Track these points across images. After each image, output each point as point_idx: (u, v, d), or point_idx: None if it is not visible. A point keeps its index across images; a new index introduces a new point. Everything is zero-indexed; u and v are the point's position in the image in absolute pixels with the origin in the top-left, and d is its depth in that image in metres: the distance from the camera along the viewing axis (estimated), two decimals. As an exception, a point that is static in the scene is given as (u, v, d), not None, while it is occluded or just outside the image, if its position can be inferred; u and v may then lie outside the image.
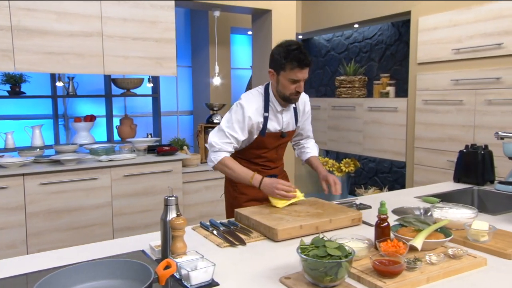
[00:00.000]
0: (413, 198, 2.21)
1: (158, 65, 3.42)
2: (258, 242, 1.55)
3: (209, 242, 1.54)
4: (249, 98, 2.02)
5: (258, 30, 4.28)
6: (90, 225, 3.18)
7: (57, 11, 2.98)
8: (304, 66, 1.88)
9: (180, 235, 1.28)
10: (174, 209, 1.33)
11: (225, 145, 1.95)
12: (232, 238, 1.55)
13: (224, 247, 1.48)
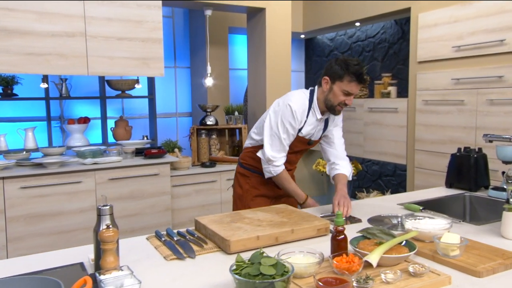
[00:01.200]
0: (396, 204, 2.07)
1: (144, 65, 3.34)
2: (211, 254, 1.44)
3: (157, 254, 1.44)
4: (297, 98, 2.04)
5: (252, 29, 4.17)
6: (73, 229, 3.12)
7: (38, 11, 2.93)
8: (362, 81, 1.94)
9: (110, 249, 1.17)
10: (108, 219, 1.23)
11: (282, 158, 2.06)
12: (183, 249, 1.45)
13: (171, 260, 1.38)
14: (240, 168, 2.29)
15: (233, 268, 1.06)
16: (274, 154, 2.02)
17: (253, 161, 2.20)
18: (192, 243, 1.52)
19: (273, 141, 2.02)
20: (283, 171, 2.07)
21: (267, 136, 2.03)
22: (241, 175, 2.27)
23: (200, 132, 3.91)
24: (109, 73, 3.22)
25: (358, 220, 1.81)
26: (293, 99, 2.01)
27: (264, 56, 3.99)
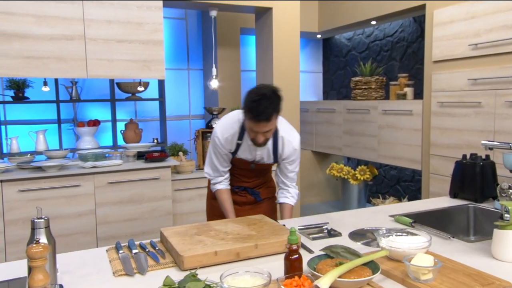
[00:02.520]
0: (388, 216, 1.90)
1: (145, 68, 3.30)
2: (164, 271, 1.34)
3: (109, 269, 1.36)
4: (224, 127, 2.00)
5: (260, 29, 4.06)
6: (72, 233, 3.11)
7: (36, 14, 2.94)
8: (259, 120, 1.74)
9: (38, 266, 1.09)
10: (43, 233, 1.16)
11: (218, 178, 2.09)
12: (137, 264, 1.36)
13: (118, 276, 1.29)
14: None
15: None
16: (208, 172, 2.10)
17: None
18: (150, 257, 1.43)
19: (208, 161, 2.10)
20: (219, 191, 2.09)
21: (207, 158, 2.12)
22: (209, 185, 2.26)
23: (206, 135, 3.83)
24: (109, 75, 3.20)
25: (338, 234, 1.67)
26: (218, 129, 2.00)
27: (271, 56, 3.87)
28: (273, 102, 1.74)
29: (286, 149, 2.01)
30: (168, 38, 4.77)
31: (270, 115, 1.73)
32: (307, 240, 1.61)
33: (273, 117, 1.76)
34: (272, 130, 1.82)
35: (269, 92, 1.76)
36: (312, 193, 5.44)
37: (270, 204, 2.24)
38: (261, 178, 2.18)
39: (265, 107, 1.71)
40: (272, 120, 1.76)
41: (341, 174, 4.73)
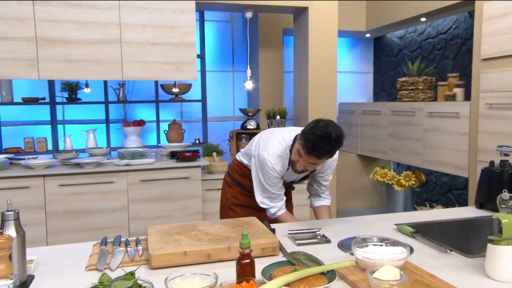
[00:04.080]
0: (393, 224, 1.77)
1: (178, 70, 3.39)
2: (135, 268, 1.35)
3: (85, 263, 1.40)
4: (277, 158, 1.89)
5: (298, 30, 3.99)
6: (106, 227, 3.27)
7: (77, 21, 3.14)
8: (319, 157, 1.71)
9: (1, 256, 1.15)
10: (12, 225, 1.22)
11: (276, 205, 1.98)
12: (111, 260, 1.39)
13: (89, 271, 1.33)
14: (226, 177, 2.26)
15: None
16: (264, 201, 1.96)
17: (237, 175, 2.17)
18: (128, 253, 1.45)
19: (261, 189, 1.96)
20: (281, 215, 1.99)
21: (255, 185, 1.97)
22: (226, 183, 2.23)
23: (241, 136, 3.84)
24: (143, 77, 3.32)
25: (327, 240, 1.58)
26: (272, 160, 1.88)
27: (307, 57, 3.79)
28: (333, 148, 1.70)
29: (327, 163, 1.98)
30: (214, 41, 4.85)
31: (330, 155, 1.72)
32: (291, 245, 1.54)
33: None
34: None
35: (335, 134, 1.68)
36: (357, 198, 5.24)
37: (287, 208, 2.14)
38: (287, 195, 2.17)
39: (333, 145, 1.68)
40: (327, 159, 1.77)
41: (385, 179, 4.50)
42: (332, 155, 1.74)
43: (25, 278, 1.26)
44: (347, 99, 5.56)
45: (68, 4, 3.11)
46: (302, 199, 3.78)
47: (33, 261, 1.34)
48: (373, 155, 4.82)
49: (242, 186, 2.14)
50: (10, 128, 4.12)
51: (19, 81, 3.94)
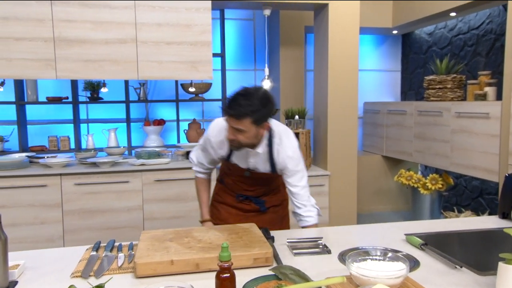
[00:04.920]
0: (403, 234, 1.65)
1: (193, 69, 3.35)
2: (121, 276, 1.31)
3: (71, 268, 1.36)
4: (219, 127, 1.89)
5: (318, 27, 3.87)
6: (121, 226, 3.28)
7: (93, 21, 3.15)
8: (229, 114, 1.67)
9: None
10: (-6, 228, 1.20)
11: (197, 167, 2.09)
12: (98, 266, 1.35)
13: (73, 278, 1.29)
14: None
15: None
16: (193, 158, 2.08)
17: (221, 170, 2.14)
18: (117, 259, 1.41)
19: (197, 150, 2.08)
20: (198, 178, 2.11)
21: (198, 144, 2.09)
22: (217, 179, 2.23)
23: (258, 136, 3.76)
24: (158, 77, 3.30)
25: (328, 251, 1.48)
26: (212, 129, 1.93)
27: (326, 55, 3.66)
28: (252, 105, 1.63)
29: (280, 157, 1.85)
30: (236, 39, 4.80)
31: (241, 115, 1.63)
32: (288, 255, 1.45)
33: (246, 119, 1.64)
34: (246, 136, 1.69)
35: (254, 93, 1.66)
36: (381, 201, 5.06)
37: (277, 211, 2.09)
38: (265, 187, 2.03)
39: (239, 104, 1.63)
40: (243, 121, 1.65)
41: (410, 182, 4.31)
42: (240, 114, 1.63)
43: (6, 284, 1.23)
44: (372, 98, 5.38)
45: (84, 4, 3.13)
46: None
47: (18, 266, 1.32)
48: (399, 157, 4.64)
49: (223, 182, 2.11)
50: (36, 127, 4.21)
51: (44, 81, 4.03)
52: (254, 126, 1.68)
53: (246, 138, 1.70)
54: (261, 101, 1.67)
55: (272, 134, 1.85)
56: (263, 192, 2.03)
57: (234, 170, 1.97)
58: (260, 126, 1.71)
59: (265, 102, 1.68)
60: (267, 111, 1.70)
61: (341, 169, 3.77)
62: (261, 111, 1.66)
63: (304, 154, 3.69)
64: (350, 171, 3.80)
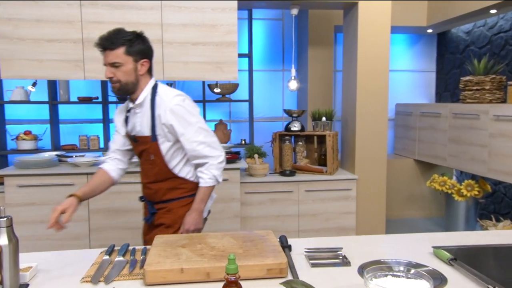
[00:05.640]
0: (431, 247, 1.54)
1: (218, 69, 3.31)
2: (130, 282, 1.28)
3: (82, 272, 1.34)
4: (119, 106, 2.02)
5: (347, 27, 3.76)
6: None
7: (120, 22, 3.17)
8: (103, 46, 1.74)
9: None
10: (4, 232, 1.19)
11: (104, 157, 2.01)
12: (110, 272, 1.32)
13: (83, 283, 1.27)
14: None
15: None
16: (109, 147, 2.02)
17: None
18: (129, 264, 1.38)
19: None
20: (98, 170, 1.97)
21: None
22: None
23: (284, 138, 3.69)
24: (184, 77, 3.29)
25: (347, 263, 1.39)
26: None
27: (355, 55, 3.55)
28: (125, 35, 1.72)
29: (162, 109, 1.78)
30: (264, 40, 4.75)
31: (114, 42, 1.70)
32: (305, 266, 1.38)
33: (120, 49, 1.71)
34: (123, 70, 1.73)
35: (136, 31, 1.79)
36: (414, 206, 4.87)
37: (164, 233, 1.86)
38: (156, 184, 1.87)
39: (111, 36, 1.71)
40: (117, 51, 1.71)
41: (444, 188, 4.11)
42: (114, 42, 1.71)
43: (17, 287, 1.22)
44: (405, 99, 5.19)
45: (112, 6, 3.16)
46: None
47: (30, 269, 1.31)
48: (432, 161, 4.44)
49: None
50: (68, 126, 4.31)
51: (75, 81, 4.11)
52: (130, 59, 1.74)
53: (123, 73, 1.73)
54: (134, 34, 1.76)
55: (156, 91, 1.83)
56: (153, 192, 1.90)
57: (132, 145, 1.94)
58: (137, 60, 1.76)
59: (138, 35, 1.77)
60: (142, 45, 1.77)
61: (369, 173, 3.65)
62: (135, 42, 1.74)
63: (331, 157, 3.59)
64: (379, 175, 3.66)
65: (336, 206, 3.55)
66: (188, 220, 1.84)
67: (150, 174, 1.88)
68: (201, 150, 1.80)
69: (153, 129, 1.79)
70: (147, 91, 1.82)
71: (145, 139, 1.82)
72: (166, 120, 1.77)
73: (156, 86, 1.85)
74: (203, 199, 1.86)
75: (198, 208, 1.86)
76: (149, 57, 1.83)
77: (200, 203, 1.86)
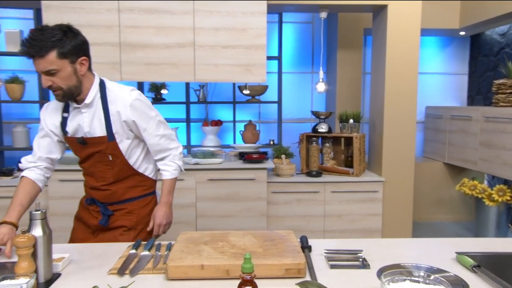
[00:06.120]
0: (454, 252, 1.48)
1: (247, 72, 3.32)
2: (154, 276, 1.30)
3: (110, 264, 1.38)
4: (52, 102, 1.71)
5: (376, 29, 3.68)
6: (176, 222, 3.29)
7: (156, 26, 3.23)
8: (30, 54, 1.46)
9: (23, 254, 1.17)
10: (39, 224, 1.23)
11: (27, 163, 1.69)
12: (135, 265, 1.35)
13: (110, 274, 1.30)
14: None
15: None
16: (25, 159, 1.71)
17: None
18: (154, 259, 1.40)
19: (34, 140, 1.74)
20: (22, 179, 1.66)
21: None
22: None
23: (311, 139, 3.66)
24: (214, 79, 3.32)
25: (366, 265, 1.36)
26: (42, 111, 1.72)
27: (384, 58, 3.47)
28: (53, 35, 1.44)
29: (119, 106, 1.63)
30: (294, 42, 4.72)
31: (43, 48, 1.43)
32: (324, 267, 1.36)
33: (51, 53, 1.45)
34: (62, 76, 1.50)
35: (52, 27, 1.48)
36: (443, 210, 4.71)
37: (124, 237, 1.73)
38: (116, 184, 1.72)
39: (37, 39, 1.43)
40: (49, 57, 1.45)
41: (474, 192, 3.96)
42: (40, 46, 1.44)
43: (50, 276, 1.27)
44: (436, 102, 5.03)
45: (148, 11, 3.23)
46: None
47: (63, 259, 1.35)
48: (462, 165, 4.28)
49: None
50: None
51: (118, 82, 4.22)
52: (66, 62, 1.49)
53: (63, 79, 1.50)
54: (62, 30, 1.48)
55: (105, 87, 1.67)
56: (111, 193, 1.73)
57: (74, 148, 1.71)
58: (74, 61, 1.52)
59: (66, 30, 1.49)
60: (75, 41, 1.50)
61: (396, 175, 3.55)
62: (66, 41, 1.47)
63: (358, 159, 3.53)
64: (407, 178, 3.56)
65: (362, 208, 3.49)
66: (159, 215, 1.76)
67: (107, 176, 1.71)
68: (163, 143, 1.75)
69: (109, 128, 1.65)
70: (95, 89, 1.64)
71: (99, 140, 1.66)
72: (127, 117, 1.64)
73: (103, 82, 1.68)
74: (170, 191, 1.81)
75: (167, 201, 1.80)
76: (87, 52, 1.58)
77: (169, 196, 1.80)
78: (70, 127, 1.66)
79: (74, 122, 1.66)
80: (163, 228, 1.79)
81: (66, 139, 1.70)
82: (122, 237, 1.72)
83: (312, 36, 4.80)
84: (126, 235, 1.73)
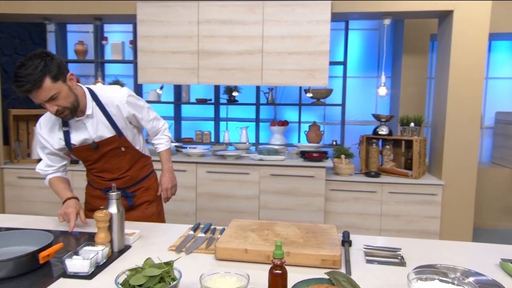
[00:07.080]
0: (499, 258, 1.36)
1: (310, 76, 3.31)
2: (205, 255, 1.37)
3: (171, 242, 1.48)
4: (44, 118, 1.71)
5: (441, 34, 3.44)
6: (241, 211, 3.44)
7: (229, 35, 3.36)
8: (27, 90, 1.43)
9: (101, 227, 1.31)
10: (114, 203, 1.37)
11: (45, 171, 1.78)
12: (191, 244, 1.44)
13: (169, 251, 1.40)
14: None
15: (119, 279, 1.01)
16: (41, 168, 1.78)
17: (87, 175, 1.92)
18: (207, 241, 1.48)
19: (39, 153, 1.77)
20: (50, 180, 1.76)
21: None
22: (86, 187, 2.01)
23: (371, 141, 3.54)
24: (279, 83, 3.36)
25: (402, 263, 1.31)
26: (42, 120, 1.71)
27: (448, 63, 3.24)
28: (37, 65, 1.41)
29: (117, 104, 1.68)
30: (360, 48, 4.60)
31: (38, 80, 1.41)
32: (361, 261, 1.33)
33: (45, 81, 1.43)
34: (63, 96, 1.50)
35: (30, 57, 1.43)
36: (508, 218, 4.27)
37: (150, 209, 1.87)
38: (131, 169, 1.82)
39: (26, 75, 1.40)
40: (45, 85, 1.43)
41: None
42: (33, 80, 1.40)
43: (123, 246, 1.40)
44: (507, 108, 4.57)
45: (223, 22, 3.36)
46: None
47: (133, 234, 1.48)
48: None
49: (90, 184, 1.91)
50: (188, 122, 4.70)
51: (195, 85, 4.46)
52: (60, 83, 1.48)
53: (65, 99, 1.51)
54: (41, 57, 1.44)
55: (94, 92, 1.67)
56: (130, 179, 1.82)
57: (83, 156, 1.74)
58: (65, 80, 1.51)
59: (44, 56, 1.45)
60: (56, 62, 1.47)
61: (457, 180, 3.30)
62: (50, 65, 1.44)
63: (417, 161, 3.34)
64: (468, 183, 3.29)
65: (420, 210, 3.30)
66: (164, 180, 1.89)
67: (123, 165, 1.79)
68: (156, 125, 1.91)
69: (115, 127, 1.71)
70: (90, 99, 1.66)
71: (111, 139, 1.71)
72: (127, 112, 1.72)
73: (91, 89, 1.69)
74: (168, 159, 1.95)
75: (168, 168, 1.93)
76: (66, 66, 1.55)
77: (168, 163, 1.94)
78: (75, 139, 1.69)
79: (79, 134, 1.69)
80: (170, 191, 1.92)
81: (74, 149, 1.72)
82: (148, 210, 1.88)
83: (378, 42, 4.63)
84: (150, 208, 1.89)
